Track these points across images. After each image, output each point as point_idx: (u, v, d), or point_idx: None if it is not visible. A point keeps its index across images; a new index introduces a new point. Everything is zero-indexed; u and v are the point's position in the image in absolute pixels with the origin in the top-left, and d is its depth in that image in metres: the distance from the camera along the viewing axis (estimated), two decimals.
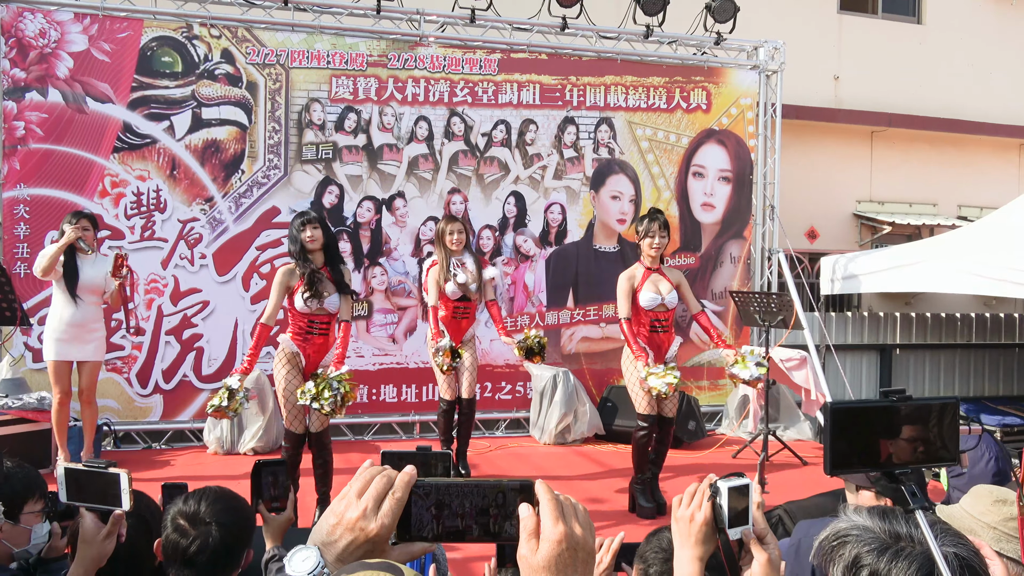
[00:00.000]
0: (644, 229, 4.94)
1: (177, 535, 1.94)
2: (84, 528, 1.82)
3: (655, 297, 4.90)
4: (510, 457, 6.59)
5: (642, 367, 4.79)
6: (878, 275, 8.01)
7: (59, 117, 6.46)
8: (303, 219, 4.57)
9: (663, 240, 4.91)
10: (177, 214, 6.72)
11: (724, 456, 6.69)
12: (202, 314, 6.76)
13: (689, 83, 7.89)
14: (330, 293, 4.56)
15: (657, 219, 4.92)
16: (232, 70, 6.82)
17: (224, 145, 6.83)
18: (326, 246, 4.60)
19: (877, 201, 10.72)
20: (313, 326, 4.58)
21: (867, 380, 9.28)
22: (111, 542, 1.84)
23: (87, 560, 1.81)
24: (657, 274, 4.98)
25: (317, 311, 4.54)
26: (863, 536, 1.27)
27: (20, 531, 2.10)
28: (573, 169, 7.64)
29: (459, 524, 0.91)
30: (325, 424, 4.60)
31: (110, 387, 6.51)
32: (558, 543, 0.87)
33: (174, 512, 1.98)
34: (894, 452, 1.46)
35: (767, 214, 8.13)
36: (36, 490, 2.15)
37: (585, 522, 0.92)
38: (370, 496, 0.89)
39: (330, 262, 4.62)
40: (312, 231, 4.52)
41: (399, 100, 7.20)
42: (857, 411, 1.49)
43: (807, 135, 10.03)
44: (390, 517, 0.88)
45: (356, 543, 0.88)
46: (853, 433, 1.47)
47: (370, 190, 7.15)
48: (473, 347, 5.65)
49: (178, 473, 5.84)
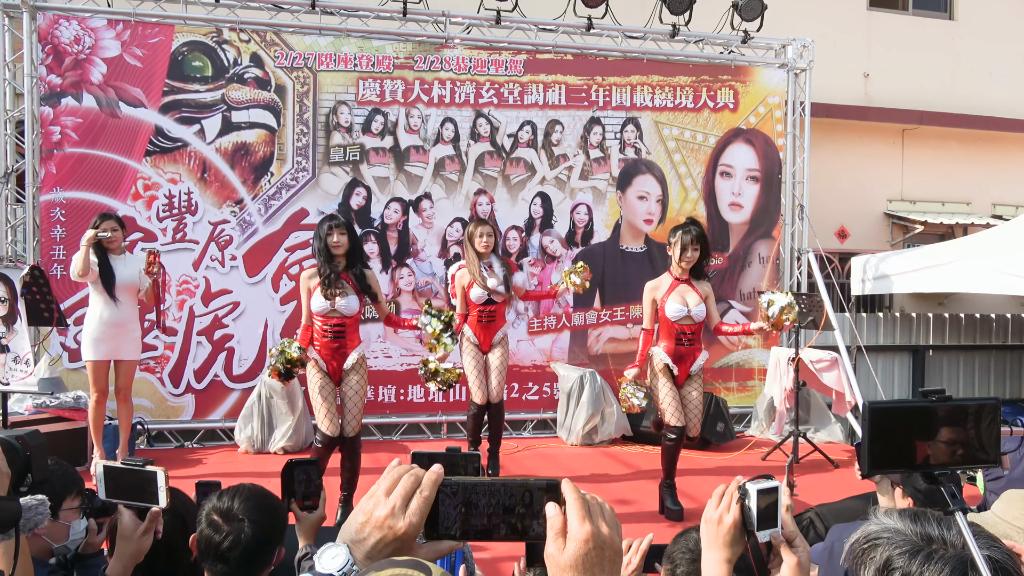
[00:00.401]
0: (678, 241, 4.80)
1: (211, 531, 1.97)
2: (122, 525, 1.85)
3: (681, 308, 4.81)
4: (537, 458, 6.59)
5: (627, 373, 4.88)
6: (910, 275, 7.89)
7: (93, 122, 6.58)
8: (331, 223, 4.60)
9: (695, 254, 4.78)
10: (208, 216, 6.81)
11: (753, 458, 6.63)
12: (233, 315, 6.84)
13: (716, 82, 7.83)
14: (346, 295, 4.58)
15: (690, 232, 4.77)
16: (261, 74, 6.90)
17: (253, 148, 6.91)
18: (350, 251, 4.64)
19: (909, 200, 10.56)
20: (326, 330, 4.61)
21: (899, 382, 9.15)
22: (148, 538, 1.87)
23: (125, 556, 1.85)
24: (686, 285, 4.87)
25: (330, 314, 4.57)
26: (894, 539, 1.25)
27: (59, 527, 2.15)
28: (599, 169, 7.62)
29: (486, 523, 0.92)
30: (358, 428, 4.64)
31: (143, 387, 6.61)
32: (585, 542, 0.88)
33: (208, 508, 2.01)
34: (932, 453, 1.45)
35: (796, 214, 8.04)
36: (74, 487, 2.19)
37: (612, 521, 0.92)
38: (398, 494, 0.90)
39: (351, 267, 4.65)
40: (339, 236, 4.57)
41: (425, 102, 7.23)
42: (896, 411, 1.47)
43: (837, 133, 9.91)
44: (418, 515, 0.89)
45: (385, 541, 0.89)
46: (892, 433, 1.45)
47: (397, 191, 7.19)
48: (504, 348, 5.65)
49: (210, 471, 5.92)
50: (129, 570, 1.87)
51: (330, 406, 4.62)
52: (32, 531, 1.35)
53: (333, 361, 4.66)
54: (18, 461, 1.20)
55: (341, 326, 4.63)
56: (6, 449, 1.26)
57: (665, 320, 4.85)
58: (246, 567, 1.98)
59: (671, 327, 4.84)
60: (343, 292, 4.59)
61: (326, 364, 4.65)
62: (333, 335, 4.64)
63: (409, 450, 5.10)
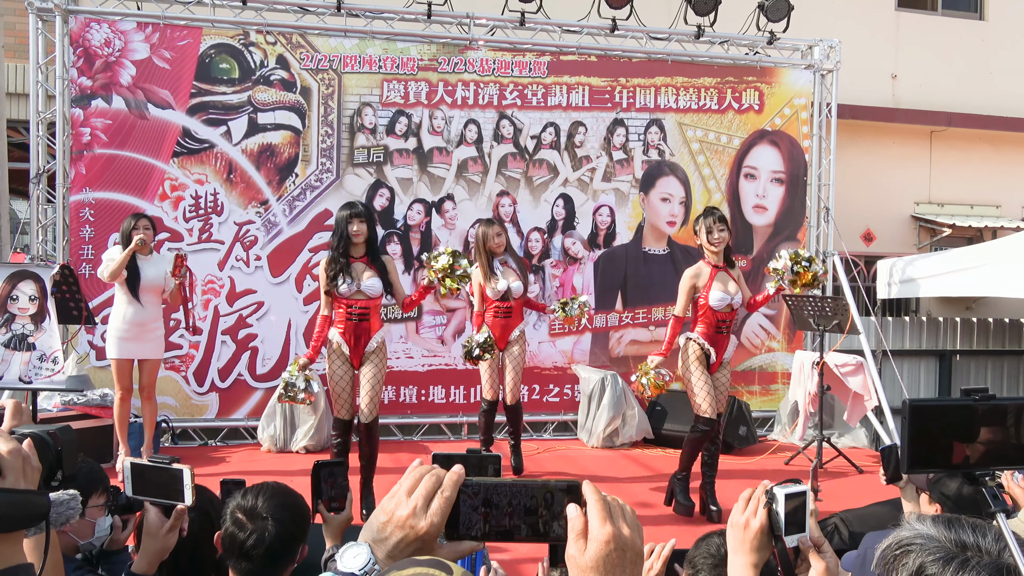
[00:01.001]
0: (702, 227, 4.85)
1: (235, 528, 1.99)
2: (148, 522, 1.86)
3: (724, 296, 4.80)
4: (558, 459, 6.57)
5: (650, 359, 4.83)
6: (937, 279, 7.78)
7: (122, 123, 6.66)
8: (351, 212, 4.66)
9: (723, 234, 4.81)
10: (233, 217, 6.87)
11: (776, 462, 6.56)
12: (257, 314, 6.89)
13: (741, 83, 7.77)
14: (368, 277, 4.63)
15: (713, 213, 4.85)
16: (287, 76, 6.95)
17: (279, 149, 6.95)
18: (369, 240, 4.70)
19: (936, 203, 10.40)
20: (352, 312, 4.65)
21: (925, 387, 9.01)
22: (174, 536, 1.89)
23: (151, 552, 1.86)
24: (724, 273, 4.87)
25: (356, 295, 4.62)
26: (927, 545, 1.23)
27: (85, 524, 2.17)
28: (622, 171, 7.58)
29: (507, 523, 0.92)
30: (376, 413, 4.68)
31: (168, 385, 6.68)
32: (606, 543, 0.87)
33: (233, 506, 2.03)
34: (972, 453, 1.41)
35: (822, 216, 7.95)
36: (99, 484, 2.21)
37: (633, 523, 0.92)
38: (420, 495, 0.90)
39: (371, 253, 4.72)
40: (359, 225, 4.62)
41: (449, 103, 7.24)
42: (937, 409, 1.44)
43: (864, 135, 9.79)
44: (439, 516, 0.89)
45: (406, 540, 0.89)
46: (932, 432, 1.42)
47: (420, 193, 7.21)
48: (522, 347, 5.65)
49: (233, 469, 5.96)
50: (155, 567, 1.88)
51: (347, 395, 4.69)
52: (63, 526, 1.35)
53: (356, 345, 4.70)
54: (49, 456, 1.21)
55: (366, 309, 4.69)
56: (37, 444, 1.26)
57: (707, 308, 4.83)
58: (270, 565, 2.00)
59: (712, 315, 4.83)
60: (364, 274, 4.63)
61: (349, 348, 4.68)
62: (359, 317, 4.68)
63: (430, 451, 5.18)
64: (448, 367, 7.22)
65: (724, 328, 4.86)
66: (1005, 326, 9.17)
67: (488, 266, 5.48)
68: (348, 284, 4.60)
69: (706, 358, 4.84)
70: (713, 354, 4.85)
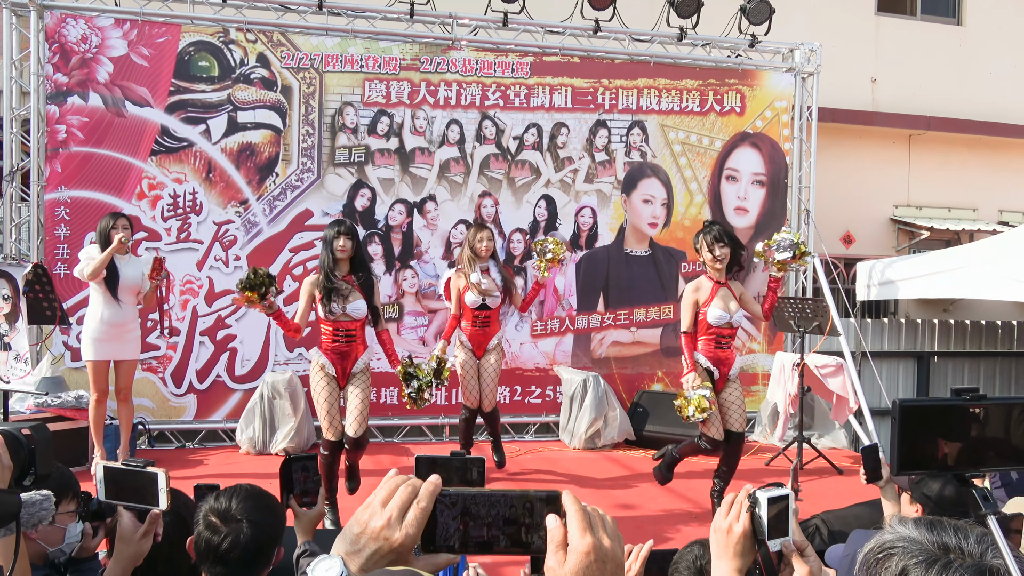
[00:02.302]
0: (702, 243, 4.73)
1: (209, 532, 1.95)
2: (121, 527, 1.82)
3: (723, 315, 4.72)
4: (539, 461, 6.55)
5: (692, 379, 4.63)
6: (916, 281, 7.84)
7: (99, 121, 6.56)
8: (338, 228, 4.60)
9: (724, 250, 4.68)
10: (212, 216, 6.79)
11: (757, 463, 6.57)
12: (236, 315, 6.82)
13: (723, 86, 7.79)
14: (354, 299, 4.58)
15: (712, 230, 4.72)
16: (267, 74, 6.88)
17: (259, 148, 6.88)
18: (354, 257, 4.64)
19: (915, 206, 10.50)
20: (339, 334, 4.61)
21: (904, 388, 9.08)
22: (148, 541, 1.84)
23: (124, 558, 1.81)
24: (726, 289, 4.78)
25: (341, 318, 4.57)
26: (910, 548, 1.22)
27: (55, 531, 2.11)
28: (604, 172, 7.58)
29: (485, 534, 0.90)
30: (364, 427, 4.61)
31: (145, 386, 6.59)
32: (586, 555, 0.86)
33: (206, 509, 1.99)
34: (963, 454, 1.40)
35: (802, 218, 7.99)
36: (70, 490, 2.16)
37: (613, 533, 0.91)
38: (395, 505, 0.89)
39: (356, 271, 4.65)
40: (345, 241, 4.56)
41: (431, 104, 7.20)
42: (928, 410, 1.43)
43: (843, 138, 9.86)
44: (415, 527, 0.88)
45: (380, 553, 0.87)
46: (922, 433, 1.41)
47: (402, 193, 7.16)
48: (499, 355, 5.66)
49: (211, 472, 5.89)
50: (128, 573, 1.84)
51: (335, 413, 4.64)
52: (36, 527, 1.31)
53: (341, 366, 4.66)
54: (22, 454, 1.16)
55: (352, 331, 4.65)
56: (9, 441, 1.22)
57: (705, 324, 4.75)
58: (245, 568, 1.96)
59: (711, 331, 4.75)
60: (350, 296, 4.57)
61: (334, 368, 4.63)
62: (345, 339, 4.64)
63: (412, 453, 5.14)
64: None
65: (725, 344, 4.78)
66: (982, 328, 9.26)
67: (469, 271, 5.47)
68: (334, 306, 4.55)
69: (709, 375, 4.78)
70: (716, 371, 4.77)
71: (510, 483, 5.70)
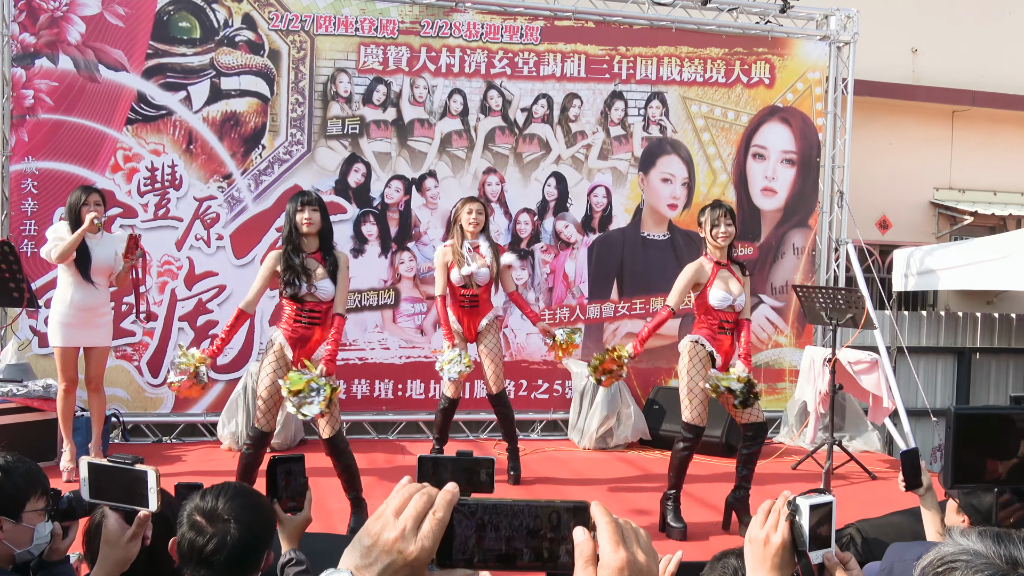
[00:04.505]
0: (708, 219, 4.80)
1: (193, 533, 1.94)
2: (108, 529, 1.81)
3: (726, 297, 4.77)
4: (546, 462, 6.54)
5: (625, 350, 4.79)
6: (957, 270, 7.82)
7: (70, 86, 6.52)
8: (302, 199, 4.49)
9: (730, 229, 4.76)
10: (193, 192, 6.76)
11: (783, 467, 6.56)
12: (218, 299, 6.80)
13: (751, 55, 7.73)
14: (320, 277, 4.48)
15: (720, 206, 4.82)
16: (253, 37, 6.83)
17: (244, 118, 6.84)
18: (322, 232, 4.54)
19: (957, 188, 10.44)
20: (301, 314, 4.51)
21: (943, 386, 9.08)
22: (136, 544, 1.84)
23: (110, 563, 1.80)
24: (727, 271, 4.84)
25: (306, 297, 4.48)
26: (974, 562, 1.20)
27: (22, 531, 2.08)
28: (620, 149, 7.54)
29: (506, 548, 0.89)
30: (336, 427, 4.53)
31: (119, 375, 6.58)
32: (619, 571, 0.85)
33: (190, 508, 1.98)
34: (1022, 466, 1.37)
35: (835, 201, 7.95)
36: (38, 486, 2.13)
37: (648, 548, 0.90)
38: (409, 515, 0.88)
39: (324, 248, 4.56)
40: (310, 213, 4.44)
41: (432, 71, 7.15)
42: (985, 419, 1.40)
43: (881, 114, 9.79)
44: (431, 539, 0.87)
45: (394, 567, 0.86)
46: (978, 444, 1.38)
47: (399, 169, 7.12)
48: (495, 335, 5.63)
49: (190, 469, 5.90)
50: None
51: (274, 403, 4.47)
52: None
53: (303, 352, 4.53)
54: None
55: (317, 312, 4.52)
56: None
57: (707, 307, 4.81)
58: (231, 572, 1.95)
59: (713, 315, 4.81)
60: (316, 275, 4.49)
61: (293, 353, 4.52)
62: (308, 321, 4.53)
63: (407, 450, 5.08)
64: (428, 360, 7.14)
65: (728, 328, 4.85)
66: None
67: (459, 247, 5.44)
68: (298, 285, 4.43)
69: (711, 360, 4.80)
70: (718, 357, 4.80)
71: (515, 488, 5.69)
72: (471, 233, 5.47)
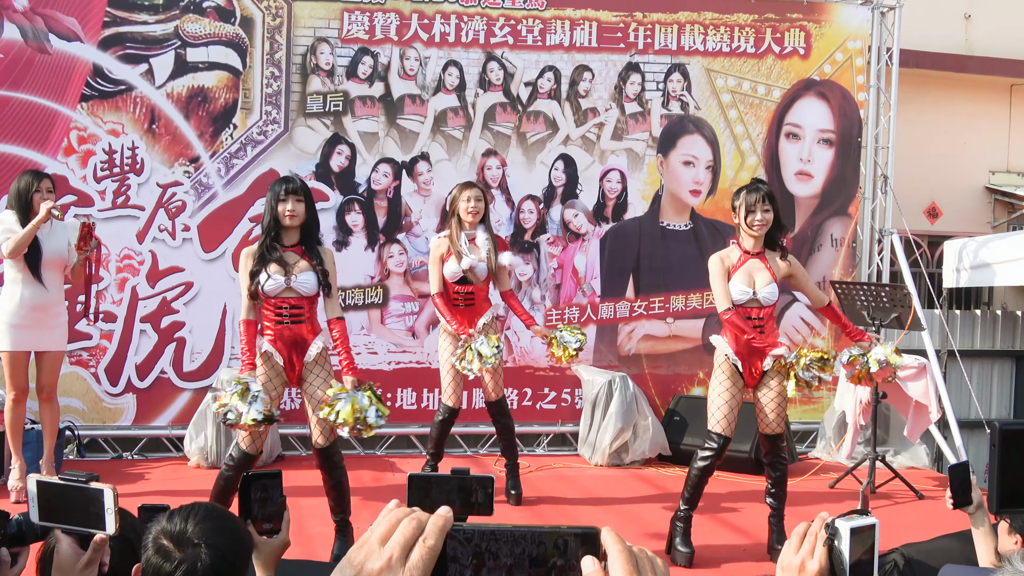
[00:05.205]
0: (743, 203, 4.71)
1: (159, 558, 1.93)
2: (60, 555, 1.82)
3: (745, 291, 4.71)
4: (553, 480, 6.56)
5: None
6: (1015, 264, 7.84)
7: (16, 58, 6.54)
8: (286, 187, 4.48)
9: (767, 215, 4.68)
10: (156, 177, 6.78)
11: (820, 485, 6.58)
12: (184, 298, 6.82)
13: (784, 21, 7.73)
14: (302, 269, 4.50)
15: (759, 189, 4.70)
16: (223, 2, 6.86)
17: (213, 94, 6.86)
18: (306, 224, 4.55)
19: (1016, 172, 10.45)
20: (283, 313, 4.53)
21: (999, 394, 9.08)
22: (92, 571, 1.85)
23: None
24: (757, 260, 4.77)
25: (285, 294, 4.49)
26: None
27: None
28: (637, 128, 7.54)
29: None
30: (333, 437, 4.57)
31: (74, 384, 6.60)
32: None
33: (156, 531, 1.98)
34: None
35: (878, 186, 7.96)
36: None
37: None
38: (396, 543, 0.88)
39: (306, 242, 4.57)
40: (294, 204, 4.44)
41: (424, 41, 7.16)
42: None
43: (930, 88, 9.79)
44: (420, 569, 0.87)
45: None
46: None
47: (388, 151, 7.14)
48: (495, 333, 5.63)
49: (154, 488, 5.91)
50: None
51: None
52: None
53: (291, 353, 4.57)
54: None
55: (299, 308, 4.55)
56: None
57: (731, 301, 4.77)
58: None
59: (738, 310, 4.74)
60: (297, 267, 4.50)
61: (282, 358, 4.56)
62: (291, 319, 4.55)
63: (396, 467, 5.09)
64: (420, 365, 7.17)
65: (758, 325, 4.77)
66: None
67: (455, 238, 5.46)
68: (275, 279, 4.44)
69: (735, 369, 4.77)
70: (741, 365, 4.77)
71: (517, 510, 5.70)
72: (469, 223, 5.48)
